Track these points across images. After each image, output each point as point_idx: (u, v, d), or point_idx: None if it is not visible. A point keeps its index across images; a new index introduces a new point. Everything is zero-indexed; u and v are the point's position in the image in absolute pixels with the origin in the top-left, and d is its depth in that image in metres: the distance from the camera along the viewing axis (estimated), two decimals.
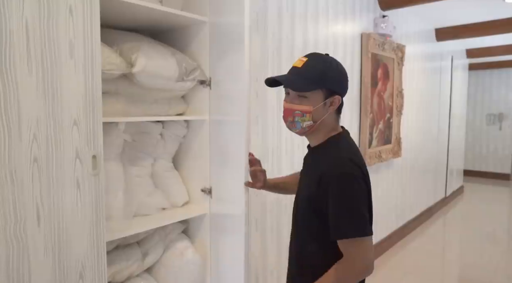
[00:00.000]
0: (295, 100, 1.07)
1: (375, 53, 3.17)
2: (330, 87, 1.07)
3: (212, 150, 1.67)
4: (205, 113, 1.67)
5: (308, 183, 1.07)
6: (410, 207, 4.24)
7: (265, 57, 2.08)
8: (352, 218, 0.98)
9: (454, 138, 5.78)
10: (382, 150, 3.39)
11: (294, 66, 1.08)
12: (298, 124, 1.07)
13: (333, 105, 1.10)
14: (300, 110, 1.05)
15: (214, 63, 1.64)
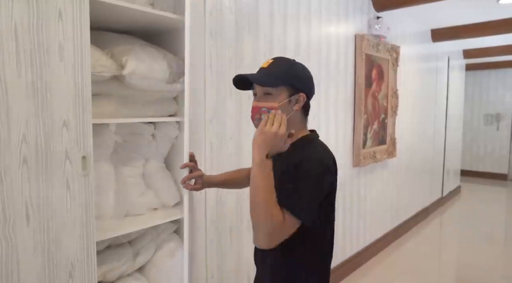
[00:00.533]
0: (261, 98, 1.10)
1: (369, 54, 3.19)
2: (294, 84, 1.10)
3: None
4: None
5: (280, 179, 1.02)
6: (405, 208, 4.25)
7: (257, 59, 2.09)
8: (310, 204, 1.00)
9: (451, 138, 5.80)
10: (376, 150, 3.41)
11: (261, 67, 1.12)
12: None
13: (298, 103, 1.11)
14: (266, 107, 1.07)
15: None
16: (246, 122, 2.05)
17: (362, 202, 3.33)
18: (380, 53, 3.34)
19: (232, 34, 1.94)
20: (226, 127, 1.93)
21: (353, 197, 3.17)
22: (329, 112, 2.76)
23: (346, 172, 3.03)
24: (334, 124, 2.84)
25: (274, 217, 0.96)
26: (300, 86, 1.11)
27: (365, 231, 3.41)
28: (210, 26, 1.81)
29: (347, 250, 3.14)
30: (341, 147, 2.94)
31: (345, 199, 3.05)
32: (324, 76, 2.69)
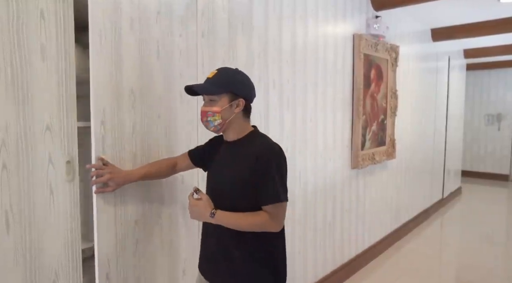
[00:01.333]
0: (207, 104, 1.32)
1: (368, 54, 3.14)
2: (234, 91, 1.30)
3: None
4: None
5: (238, 168, 1.30)
6: (405, 209, 4.20)
7: (251, 59, 2.05)
8: (284, 186, 1.30)
9: (451, 138, 5.75)
10: (375, 152, 3.36)
11: (207, 77, 1.32)
12: (211, 123, 1.31)
13: (238, 107, 1.32)
14: (211, 111, 1.29)
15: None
16: None
17: (361, 204, 3.28)
18: (379, 53, 3.30)
19: (225, 34, 1.89)
20: None
21: (351, 199, 3.12)
22: (326, 113, 2.72)
23: (345, 174, 2.99)
24: (331, 126, 2.79)
25: (259, 222, 1.27)
26: (239, 92, 1.31)
27: (364, 233, 3.36)
28: (202, 26, 1.77)
29: (346, 253, 3.09)
30: (339, 148, 2.90)
31: (343, 201, 3.01)
32: (321, 76, 2.64)
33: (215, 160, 1.40)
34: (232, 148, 1.36)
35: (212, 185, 1.39)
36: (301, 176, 2.48)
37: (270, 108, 2.19)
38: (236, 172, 1.30)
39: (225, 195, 1.31)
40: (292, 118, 2.37)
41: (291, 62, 2.34)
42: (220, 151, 1.40)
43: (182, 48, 1.67)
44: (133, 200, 1.49)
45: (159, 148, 1.60)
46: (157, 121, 1.57)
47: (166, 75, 1.60)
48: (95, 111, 1.33)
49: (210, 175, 1.42)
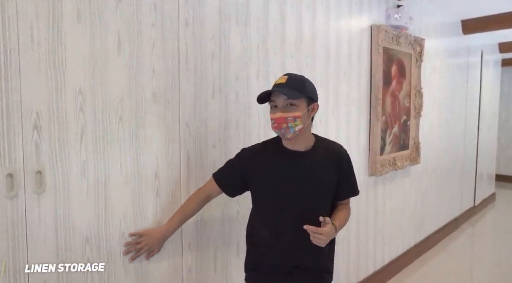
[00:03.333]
0: (284, 109, 1.27)
1: (388, 48, 2.81)
2: (310, 95, 1.32)
3: None
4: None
5: (325, 175, 1.36)
6: (431, 219, 3.82)
7: (247, 53, 1.78)
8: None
9: (484, 140, 5.27)
10: (397, 156, 3.02)
11: (280, 83, 1.28)
12: (291, 129, 1.27)
13: (313, 111, 1.36)
14: (292, 116, 1.26)
15: None
16: (234, 127, 1.74)
17: (380, 215, 2.95)
18: (401, 46, 2.95)
19: (214, 24, 1.64)
20: (208, 132, 1.64)
21: (369, 209, 2.80)
22: (339, 114, 2.42)
23: (361, 182, 2.66)
24: (345, 128, 2.48)
25: (348, 215, 1.47)
26: (314, 97, 1.34)
27: (383, 247, 3.03)
28: (186, 14, 1.52)
29: (362, 269, 2.77)
30: (354, 153, 2.58)
31: (359, 213, 2.69)
32: (333, 73, 2.34)
33: (276, 173, 1.35)
34: (308, 156, 1.35)
35: (286, 199, 1.34)
36: None
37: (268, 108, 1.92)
38: (324, 179, 1.36)
39: (308, 204, 1.33)
40: None
41: (296, 56, 2.06)
42: (277, 161, 1.36)
43: (156, 40, 1.43)
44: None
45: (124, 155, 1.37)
46: (118, 125, 1.34)
47: (132, 73, 1.37)
48: (26, 114, 1.11)
49: (279, 189, 1.35)
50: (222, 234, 1.73)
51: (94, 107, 1.27)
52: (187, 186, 1.57)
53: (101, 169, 1.30)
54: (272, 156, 1.36)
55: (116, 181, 1.34)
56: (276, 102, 1.28)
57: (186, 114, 1.55)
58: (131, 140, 1.38)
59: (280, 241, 1.34)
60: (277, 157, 1.36)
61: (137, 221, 1.41)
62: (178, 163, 1.53)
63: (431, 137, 3.67)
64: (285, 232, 1.34)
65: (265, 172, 1.35)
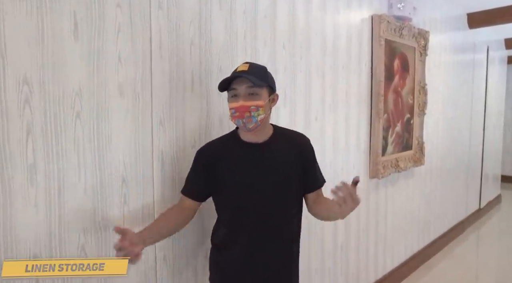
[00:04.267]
0: (247, 98, 1.20)
1: (390, 40, 2.60)
2: (272, 85, 1.27)
3: None
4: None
5: (289, 164, 1.29)
6: (436, 223, 3.61)
7: (233, 40, 1.59)
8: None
9: (490, 139, 5.06)
10: (400, 157, 2.82)
11: (242, 70, 1.20)
12: (254, 119, 1.20)
13: (274, 102, 1.30)
14: (255, 105, 1.19)
15: None
16: (217, 124, 1.54)
17: (382, 221, 2.75)
18: (404, 39, 2.75)
19: (193, 6, 1.44)
20: (186, 131, 1.44)
21: (370, 215, 2.60)
22: (337, 111, 2.22)
23: (361, 185, 2.47)
24: (344, 127, 2.28)
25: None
26: (274, 87, 1.29)
27: (385, 254, 2.82)
28: None
29: (362, 279, 2.57)
30: (353, 154, 2.38)
31: (359, 218, 2.49)
32: (330, 66, 2.14)
33: (238, 168, 1.26)
34: (269, 147, 1.28)
35: (252, 194, 1.25)
36: None
37: None
38: (288, 170, 1.29)
39: (275, 198, 1.26)
40: (290, 116, 1.89)
41: (289, 46, 1.86)
42: (236, 157, 1.27)
43: (123, 23, 1.23)
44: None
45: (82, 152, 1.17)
46: (75, 122, 1.14)
47: (92, 61, 1.17)
48: None
49: (244, 185, 1.25)
50: (200, 248, 1.53)
51: (45, 100, 1.07)
52: (161, 191, 1.37)
53: (53, 173, 1.10)
54: (232, 151, 1.28)
55: (73, 188, 1.14)
56: (238, 90, 1.20)
57: (160, 109, 1.35)
58: (92, 140, 1.18)
59: (248, 238, 1.26)
60: (237, 151, 1.27)
61: (99, 235, 1.21)
62: (150, 165, 1.33)
63: (435, 136, 3.47)
64: (254, 228, 1.26)
65: (228, 169, 1.26)
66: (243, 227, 1.26)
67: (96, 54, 1.18)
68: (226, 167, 1.25)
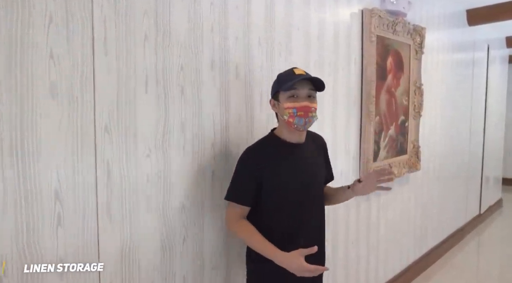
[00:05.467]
0: (308, 99, 1.28)
1: (383, 37, 2.41)
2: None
3: None
4: None
5: (318, 165, 1.44)
6: (433, 231, 3.42)
7: (195, 34, 1.39)
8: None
9: (490, 141, 4.86)
10: (393, 163, 2.62)
11: (300, 74, 1.29)
12: (313, 119, 1.30)
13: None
14: (315, 107, 1.30)
15: None
16: (178, 130, 1.35)
17: (374, 231, 2.55)
18: (398, 35, 2.56)
19: None
20: (138, 138, 1.25)
21: (360, 226, 2.41)
22: (323, 113, 2.02)
23: None
24: (331, 130, 2.09)
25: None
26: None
27: (378, 267, 2.63)
28: None
29: None
30: (341, 160, 2.19)
31: (349, 229, 2.30)
32: (315, 64, 1.95)
33: (288, 168, 1.33)
34: (306, 147, 1.38)
35: (303, 192, 1.36)
36: None
37: (231, 105, 1.53)
38: (321, 166, 1.46)
39: (318, 193, 1.43)
40: (267, 120, 1.70)
41: (266, 42, 1.67)
42: (285, 157, 1.34)
43: (55, 11, 1.04)
44: None
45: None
46: None
47: (13, 56, 0.98)
48: None
49: (295, 183, 1.34)
50: (159, 266, 1.34)
51: None
52: (107, 211, 1.18)
53: None
54: (279, 152, 1.34)
55: None
56: (300, 91, 1.28)
57: (105, 114, 1.16)
58: (13, 151, 0.99)
59: (304, 235, 1.34)
60: (285, 152, 1.34)
61: (23, 259, 1.02)
62: (93, 179, 1.14)
63: (433, 139, 3.27)
64: (308, 225, 1.37)
65: (279, 171, 1.32)
66: (302, 225, 1.35)
67: (19, 47, 0.98)
68: (278, 169, 1.31)
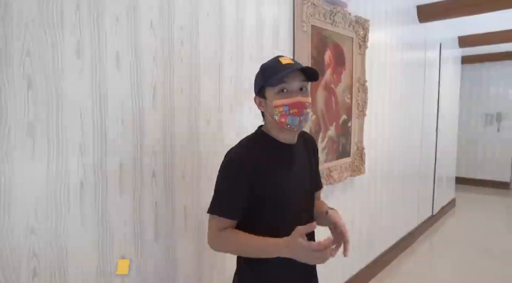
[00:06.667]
0: (300, 93, 1.09)
1: (320, 28, 2.18)
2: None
3: None
4: None
5: (309, 166, 1.23)
6: (382, 237, 3.25)
7: (49, 14, 1.07)
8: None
9: (443, 142, 4.81)
10: (334, 166, 2.40)
11: (290, 63, 1.09)
12: (308, 117, 1.12)
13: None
14: (309, 102, 1.11)
15: None
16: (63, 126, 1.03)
17: None
18: (338, 27, 2.33)
19: None
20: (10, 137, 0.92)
21: None
22: (243, 113, 1.75)
23: None
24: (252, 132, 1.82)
25: None
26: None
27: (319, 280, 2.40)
28: None
29: None
30: None
31: None
32: (231, 55, 1.68)
33: (277, 173, 1.11)
34: (297, 148, 1.19)
35: (295, 199, 1.15)
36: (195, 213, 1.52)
37: (109, 104, 1.22)
38: (311, 170, 1.24)
39: (309, 200, 1.23)
40: (164, 120, 1.40)
41: (161, 26, 1.37)
42: (276, 159, 1.13)
43: None
44: None
45: None
46: None
47: None
48: None
49: (288, 188, 1.13)
50: None
51: None
52: None
53: None
54: (272, 153, 1.13)
55: None
56: (290, 84, 1.08)
57: None
58: None
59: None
60: (277, 153, 1.14)
61: None
62: None
63: (381, 140, 3.10)
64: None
65: (274, 175, 1.11)
66: (290, 229, 1.07)
67: None
68: (274, 172, 1.11)
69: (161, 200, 1.40)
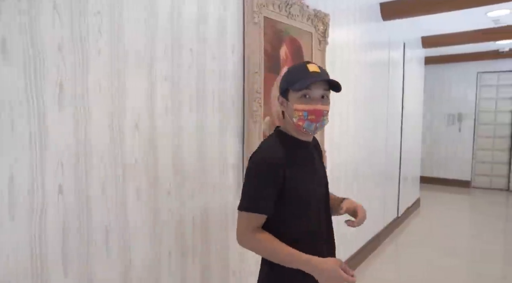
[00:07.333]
0: (321, 101, 1.16)
1: (274, 20, 1.98)
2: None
3: None
4: None
5: (322, 163, 1.34)
6: (345, 244, 3.11)
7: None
8: None
9: (408, 142, 4.78)
10: None
11: (316, 72, 1.15)
12: (324, 123, 1.20)
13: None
14: (327, 110, 1.19)
15: None
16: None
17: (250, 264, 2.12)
18: (295, 20, 2.15)
19: None
20: None
21: (244, 250, 1.95)
22: (180, 117, 1.52)
23: (227, 212, 1.81)
24: (200, 137, 1.60)
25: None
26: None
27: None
28: None
29: None
30: (216, 177, 1.71)
31: (243, 261, 1.83)
32: (167, 52, 1.44)
33: (301, 170, 1.21)
34: (312, 148, 1.30)
35: (318, 192, 1.27)
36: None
37: (6, 104, 0.96)
38: (323, 164, 1.34)
39: (326, 199, 1.32)
40: (77, 126, 1.15)
41: (67, 12, 1.12)
42: (299, 157, 1.22)
43: None
44: None
45: None
46: None
47: None
48: None
49: (314, 183, 1.24)
50: None
51: None
52: None
53: None
54: (295, 152, 1.20)
55: None
56: (313, 92, 1.15)
57: None
58: None
59: (320, 238, 1.28)
60: (300, 151, 1.23)
61: None
62: None
63: (344, 142, 2.96)
64: (323, 226, 1.30)
65: (301, 172, 1.20)
66: (320, 229, 1.27)
67: None
68: (300, 169, 1.20)
69: (72, 219, 1.14)
